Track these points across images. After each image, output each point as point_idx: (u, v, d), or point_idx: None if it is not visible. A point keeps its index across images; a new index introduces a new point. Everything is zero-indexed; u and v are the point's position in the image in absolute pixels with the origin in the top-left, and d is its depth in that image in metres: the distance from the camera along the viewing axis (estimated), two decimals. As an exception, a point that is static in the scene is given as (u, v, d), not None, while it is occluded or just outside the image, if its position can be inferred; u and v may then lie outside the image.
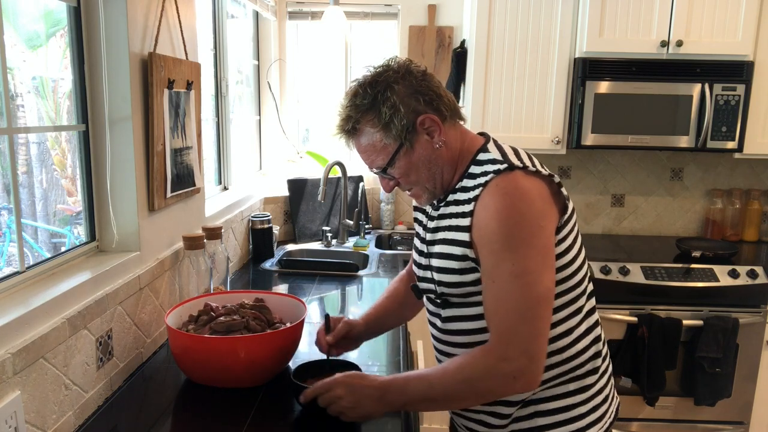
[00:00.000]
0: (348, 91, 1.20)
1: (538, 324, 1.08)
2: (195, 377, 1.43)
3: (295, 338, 1.47)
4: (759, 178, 3.16)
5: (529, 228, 1.07)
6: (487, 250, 1.10)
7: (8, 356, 1.02)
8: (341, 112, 1.20)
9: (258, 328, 1.46)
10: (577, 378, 1.19)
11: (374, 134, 1.17)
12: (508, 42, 2.74)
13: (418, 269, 1.31)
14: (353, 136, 1.20)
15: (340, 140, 1.23)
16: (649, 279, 2.56)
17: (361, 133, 1.18)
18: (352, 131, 1.19)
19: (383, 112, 1.14)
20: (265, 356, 1.39)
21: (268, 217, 2.64)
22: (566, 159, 3.14)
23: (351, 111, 1.17)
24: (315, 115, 3.39)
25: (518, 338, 1.06)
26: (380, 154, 1.18)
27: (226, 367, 1.37)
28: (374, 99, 1.15)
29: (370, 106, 1.15)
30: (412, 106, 1.15)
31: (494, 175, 1.11)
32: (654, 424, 2.67)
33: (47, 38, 1.48)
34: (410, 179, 1.21)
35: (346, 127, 1.19)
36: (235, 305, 1.53)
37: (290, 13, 3.18)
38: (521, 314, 1.07)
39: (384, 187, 1.26)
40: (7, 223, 1.44)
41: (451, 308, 1.21)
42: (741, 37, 2.64)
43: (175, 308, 1.50)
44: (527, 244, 1.07)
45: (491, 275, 1.10)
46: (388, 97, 1.14)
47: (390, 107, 1.14)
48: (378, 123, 1.15)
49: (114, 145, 1.50)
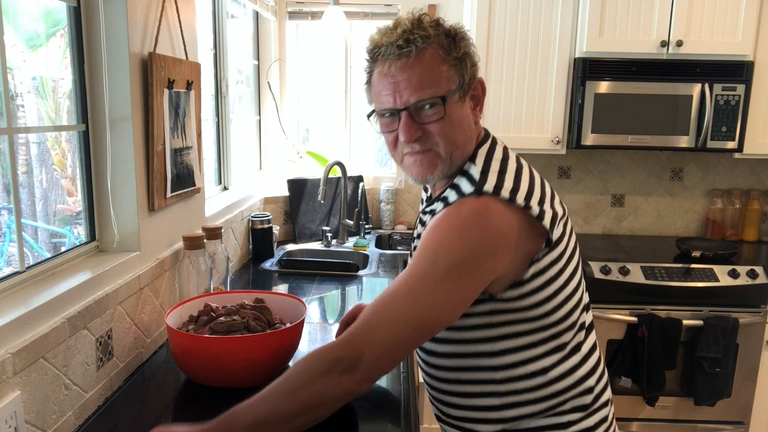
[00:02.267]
0: (398, 20, 1.03)
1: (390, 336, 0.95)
2: (195, 377, 1.43)
3: (294, 338, 1.48)
4: (759, 178, 3.16)
5: (461, 254, 0.95)
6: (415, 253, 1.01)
7: (8, 356, 1.02)
8: (394, 30, 1.01)
9: (258, 328, 1.46)
10: (558, 414, 1.10)
11: (440, 63, 1.01)
12: (508, 42, 2.74)
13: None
14: (408, 57, 1.00)
15: (386, 52, 1.02)
16: (649, 279, 2.56)
17: (424, 54, 1.00)
18: (409, 51, 0.99)
19: (459, 46, 1.02)
20: (265, 356, 1.39)
21: (268, 217, 2.64)
22: (566, 159, 3.14)
23: (418, 32, 1.00)
24: (315, 115, 3.39)
25: (366, 340, 0.95)
26: (436, 85, 1.01)
27: (226, 367, 1.37)
28: (448, 35, 1.03)
29: (444, 37, 1.02)
30: (477, 66, 1.06)
31: (459, 197, 1.02)
32: (654, 424, 2.68)
33: (47, 38, 1.48)
34: (445, 133, 1.04)
35: (404, 45, 0.99)
36: (235, 305, 1.53)
37: (290, 13, 3.18)
38: (381, 320, 0.96)
39: (407, 134, 1.04)
40: (7, 223, 1.44)
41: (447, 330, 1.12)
42: (741, 37, 2.65)
43: (175, 308, 1.50)
44: (446, 269, 0.95)
45: (398, 276, 1.00)
46: (464, 38, 1.04)
47: (466, 49, 1.04)
48: (449, 54, 1.02)
49: (114, 145, 1.50)
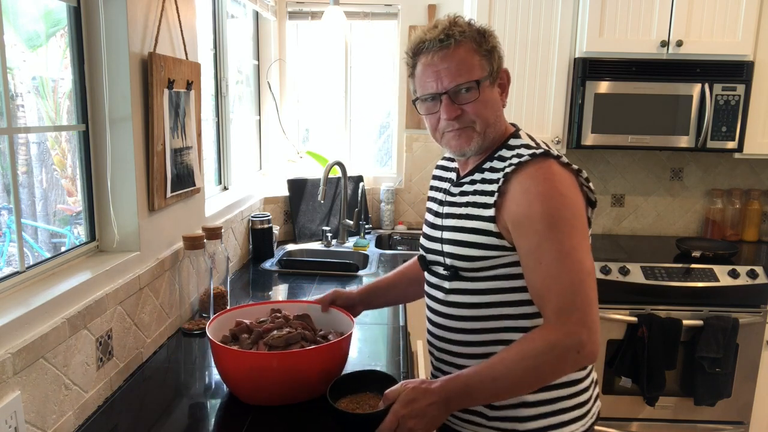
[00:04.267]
0: (438, 21, 1.22)
1: (590, 295, 1.10)
2: (252, 398, 1.33)
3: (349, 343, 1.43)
4: (759, 178, 3.16)
5: (572, 210, 1.12)
6: (529, 230, 1.12)
7: (8, 356, 1.02)
8: (434, 29, 1.20)
9: (313, 338, 1.39)
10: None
11: (474, 54, 1.19)
12: (508, 42, 2.74)
13: (428, 241, 1.34)
14: (447, 49, 1.18)
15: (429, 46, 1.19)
16: (649, 279, 2.56)
17: (460, 47, 1.19)
18: (448, 44, 1.18)
19: (488, 42, 1.21)
20: (334, 365, 1.34)
21: (268, 217, 2.64)
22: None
23: (456, 28, 1.19)
24: (315, 115, 3.39)
25: (577, 312, 1.08)
26: (473, 71, 1.19)
27: (300, 380, 1.29)
28: (479, 32, 1.21)
29: (476, 34, 1.20)
30: (502, 58, 1.26)
31: (530, 158, 1.15)
32: (654, 424, 2.67)
33: (47, 38, 1.48)
34: (480, 112, 1.20)
35: (444, 39, 1.17)
36: (275, 317, 1.45)
37: (290, 13, 3.18)
38: (575, 289, 1.08)
39: (448, 113, 1.20)
40: (7, 223, 1.44)
41: (458, 281, 1.24)
42: (741, 37, 2.64)
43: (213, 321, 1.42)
44: (571, 224, 1.11)
45: (537, 256, 1.11)
46: (492, 36, 1.23)
47: (493, 43, 1.22)
48: (479, 49, 1.20)
49: (114, 145, 1.50)
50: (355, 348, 1.67)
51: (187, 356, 1.63)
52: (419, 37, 1.21)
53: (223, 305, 1.87)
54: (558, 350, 1.07)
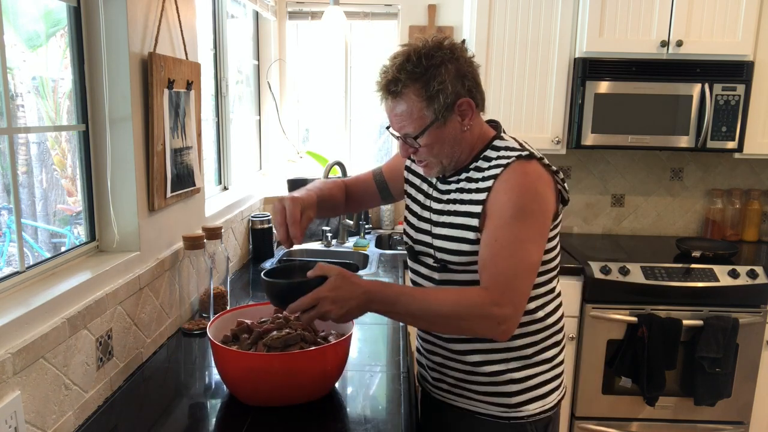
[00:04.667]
0: (398, 53, 1.23)
1: (527, 284, 1.21)
2: (251, 398, 1.32)
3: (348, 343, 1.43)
4: (759, 178, 3.16)
5: (539, 206, 1.21)
6: (496, 215, 1.21)
7: (8, 356, 1.02)
8: (387, 72, 1.23)
9: (313, 339, 1.39)
10: (544, 350, 1.36)
11: (416, 103, 1.21)
12: (508, 42, 2.74)
13: (416, 232, 1.41)
14: (394, 98, 1.23)
15: (379, 97, 1.26)
16: (649, 279, 2.56)
17: (403, 97, 1.22)
18: (395, 93, 1.22)
19: (432, 85, 1.20)
20: (334, 366, 1.35)
21: (268, 217, 2.64)
22: (566, 159, 3.14)
23: (400, 74, 1.20)
24: (315, 115, 3.39)
25: (511, 290, 1.18)
26: (414, 123, 1.23)
27: (298, 382, 1.29)
28: (426, 71, 1.19)
29: (420, 75, 1.19)
30: (457, 88, 1.22)
31: (516, 159, 1.23)
32: (654, 424, 2.67)
33: (47, 38, 1.48)
34: (432, 151, 1.27)
35: (391, 88, 1.22)
36: (275, 317, 1.45)
37: (290, 13, 3.18)
38: (517, 272, 1.18)
39: (402, 152, 1.31)
40: (7, 223, 1.44)
41: (448, 273, 1.33)
42: (741, 37, 2.64)
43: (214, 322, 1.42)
44: (535, 218, 1.20)
45: (495, 235, 1.20)
46: (440, 73, 1.20)
47: (439, 83, 1.20)
48: (424, 94, 1.20)
49: (114, 145, 1.50)
50: (355, 348, 1.67)
51: (187, 356, 1.63)
52: (377, 81, 1.25)
53: (223, 305, 1.87)
54: (482, 314, 1.16)
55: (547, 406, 1.38)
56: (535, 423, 1.37)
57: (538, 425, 1.37)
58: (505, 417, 1.36)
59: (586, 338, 2.61)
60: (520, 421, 1.36)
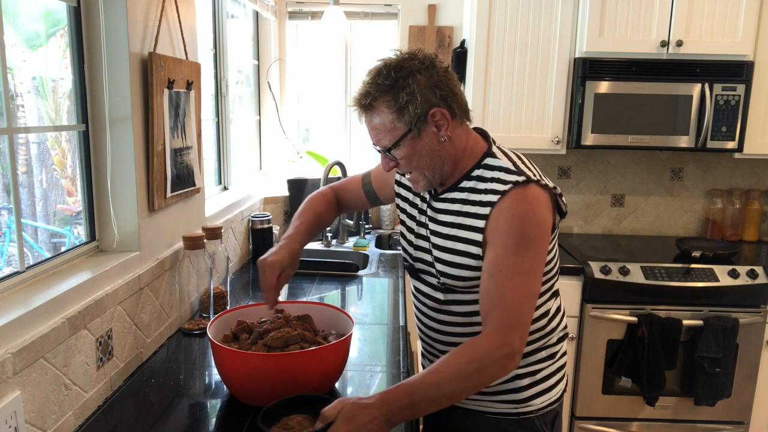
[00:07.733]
0: (372, 68, 1.26)
1: (531, 312, 1.22)
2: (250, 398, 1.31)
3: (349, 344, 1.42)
4: (759, 178, 3.16)
5: (540, 233, 1.21)
6: (499, 243, 1.21)
7: (8, 356, 1.02)
8: (362, 87, 1.25)
9: (313, 338, 1.38)
10: (549, 346, 1.39)
11: (387, 115, 1.22)
12: (508, 42, 2.74)
13: (414, 249, 1.41)
14: (367, 112, 1.25)
15: (355, 112, 1.29)
16: (649, 279, 2.56)
17: (376, 110, 1.23)
18: (367, 107, 1.24)
19: (401, 96, 1.20)
20: (335, 365, 1.35)
21: (268, 217, 2.64)
22: (566, 159, 3.14)
23: (371, 88, 1.23)
24: (315, 115, 3.39)
25: (517, 324, 1.18)
26: (388, 135, 1.24)
27: (298, 382, 1.27)
28: (395, 82, 1.20)
29: (389, 88, 1.21)
30: (428, 98, 1.21)
31: (514, 186, 1.22)
32: (654, 424, 2.67)
33: (47, 38, 1.48)
34: (411, 164, 1.27)
35: (362, 102, 1.24)
36: (276, 317, 1.44)
37: (290, 13, 3.18)
38: (522, 302, 1.19)
39: (383, 165, 1.32)
40: (7, 223, 1.44)
41: (453, 294, 1.34)
42: (741, 37, 2.65)
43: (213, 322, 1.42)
44: (536, 246, 1.21)
45: (499, 265, 1.19)
46: (408, 84, 1.20)
47: (408, 94, 1.20)
48: (393, 105, 1.21)
49: (114, 145, 1.50)
50: (355, 348, 1.67)
51: (187, 356, 1.63)
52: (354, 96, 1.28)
53: (223, 305, 1.87)
54: (498, 355, 1.15)
55: (553, 398, 1.40)
56: (543, 417, 1.38)
57: (546, 419, 1.39)
58: (514, 413, 1.37)
59: (586, 338, 2.61)
60: (529, 416, 1.37)
